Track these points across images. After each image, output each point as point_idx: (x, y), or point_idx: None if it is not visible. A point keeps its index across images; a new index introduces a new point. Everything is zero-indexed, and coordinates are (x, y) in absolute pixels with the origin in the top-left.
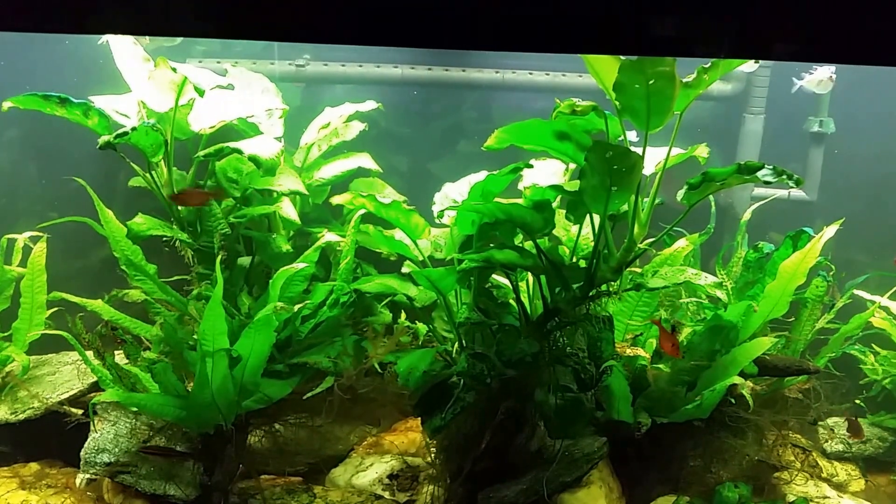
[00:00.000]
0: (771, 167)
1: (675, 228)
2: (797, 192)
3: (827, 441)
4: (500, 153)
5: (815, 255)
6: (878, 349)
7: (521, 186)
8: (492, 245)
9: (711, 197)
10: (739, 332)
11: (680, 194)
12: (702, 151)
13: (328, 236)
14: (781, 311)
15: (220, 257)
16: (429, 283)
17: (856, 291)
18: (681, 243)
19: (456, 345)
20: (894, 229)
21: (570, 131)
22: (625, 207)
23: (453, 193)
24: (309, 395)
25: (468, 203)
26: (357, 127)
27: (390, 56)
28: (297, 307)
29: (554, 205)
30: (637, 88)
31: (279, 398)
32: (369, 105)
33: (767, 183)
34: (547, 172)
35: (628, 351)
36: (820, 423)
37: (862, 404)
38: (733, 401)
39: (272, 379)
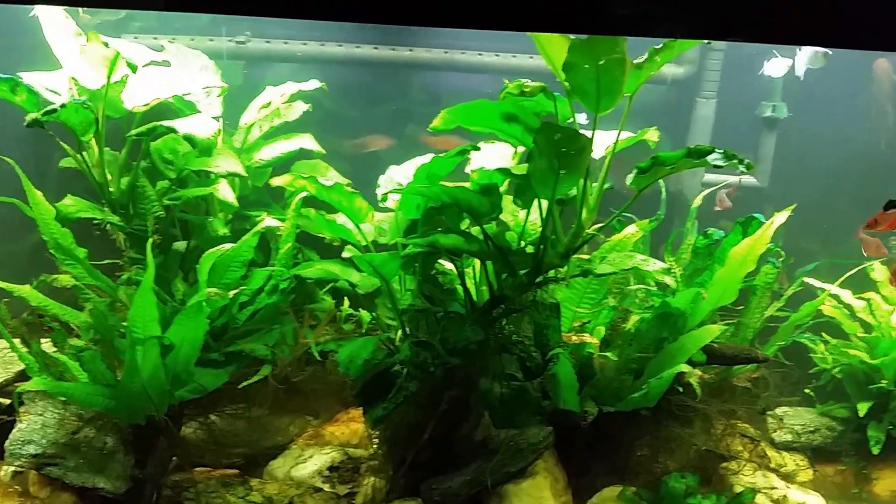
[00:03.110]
0: (721, 151)
1: (625, 214)
2: (748, 179)
3: (776, 431)
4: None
5: (765, 242)
6: (829, 338)
7: (468, 170)
8: (438, 230)
9: (662, 183)
10: (688, 320)
11: (629, 178)
12: (652, 135)
13: (267, 220)
14: (730, 299)
15: (151, 241)
16: (371, 269)
17: (806, 279)
18: (630, 229)
19: (399, 332)
20: (847, 216)
21: (518, 113)
22: (574, 192)
23: (399, 177)
24: (245, 383)
25: (412, 186)
26: (300, 108)
27: (335, 34)
28: (231, 293)
29: (502, 189)
30: (587, 69)
31: (214, 388)
32: (312, 84)
33: (717, 167)
34: (495, 156)
35: (574, 338)
36: (769, 412)
37: (812, 394)
38: (681, 389)
39: (207, 368)
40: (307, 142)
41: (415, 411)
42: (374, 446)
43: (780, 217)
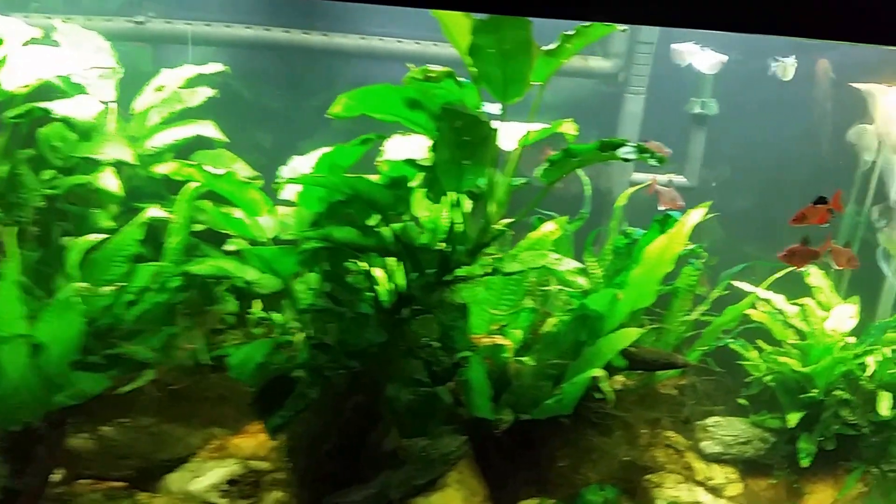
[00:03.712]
0: (633, 145)
1: (543, 212)
2: (678, 178)
3: (706, 441)
4: (369, 125)
5: (682, 241)
6: (764, 345)
7: (378, 161)
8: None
9: (587, 180)
10: (606, 323)
11: (538, 171)
12: (568, 128)
13: (152, 211)
14: (648, 301)
15: (15, 231)
16: (262, 264)
17: (735, 283)
18: (548, 227)
19: (303, 335)
20: (782, 216)
21: (422, 99)
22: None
23: (303, 168)
24: (123, 389)
25: (308, 176)
26: (204, 93)
27: (243, 16)
28: (105, 289)
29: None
30: (492, 53)
31: (95, 393)
32: (213, 68)
33: (626, 160)
34: (411, 146)
35: (485, 340)
36: (700, 422)
37: (746, 402)
38: (604, 396)
39: (87, 371)
40: (205, 128)
41: (318, 420)
42: (278, 458)
43: (695, 215)
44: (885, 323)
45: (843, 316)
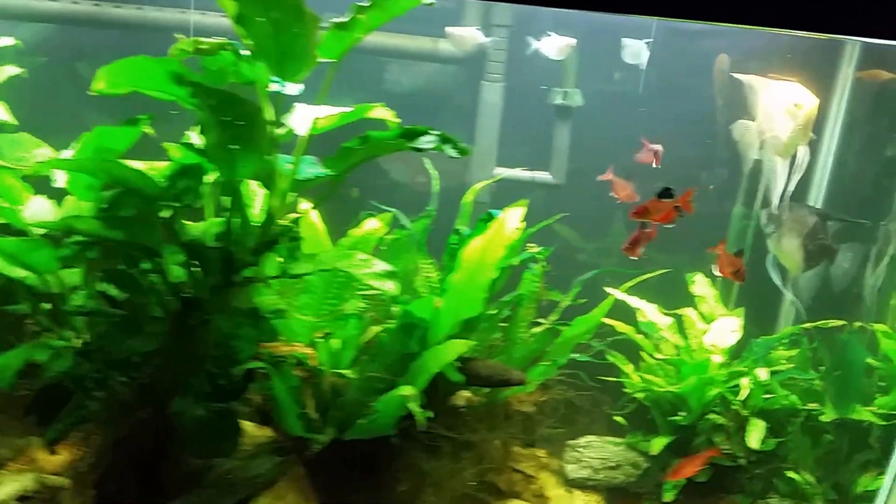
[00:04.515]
0: (437, 133)
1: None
2: (543, 175)
3: (572, 465)
4: None
5: (502, 243)
6: (647, 358)
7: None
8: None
9: (436, 175)
10: (432, 333)
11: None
12: (380, 112)
13: None
14: (475, 310)
15: None
16: (9, 259)
17: (609, 290)
18: (371, 224)
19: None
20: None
21: (186, 74)
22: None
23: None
24: None
25: (61, 161)
26: (8, 71)
27: None
28: None
29: None
30: (261, 23)
31: None
32: (3, 42)
33: (419, 150)
34: None
35: (283, 350)
36: (572, 441)
37: (623, 422)
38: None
39: None
40: None
41: (105, 434)
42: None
43: (514, 214)
44: (769, 340)
45: (724, 330)
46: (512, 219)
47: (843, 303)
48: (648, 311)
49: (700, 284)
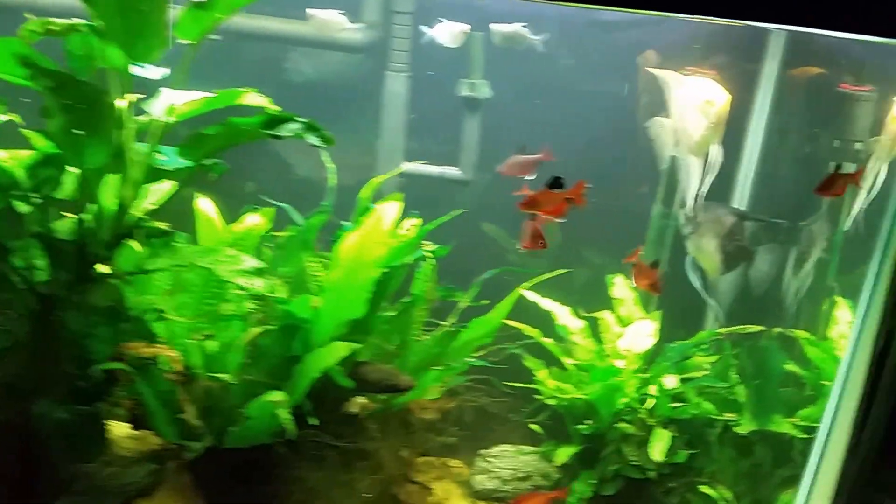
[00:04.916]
0: (302, 121)
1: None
2: (451, 170)
3: (481, 476)
4: None
5: (381, 239)
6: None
7: None
8: None
9: (332, 168)
10: (314, 335)
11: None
12: (254, 98)
13: None
14: (358, 311)
15: None
16: None
17: (525, 292)
18: (252, 220)
19: None
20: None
21: (31, 56)
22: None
23: None
24: None
25: None
26: None
27: None
28: None
29: None
30: (107, 0)
31: None
32: None
33: (279, 137)
34: None
35: (145, 351)
36: (484, 451)
37: (539, 429)
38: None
39: None
40: None
41: None
42: None
43: (390, 208)
44: (684, 345)
45: (639, 334)
46: (388, 213)
47: (767, 307)
48: (561, 314)
49: (620, 287)
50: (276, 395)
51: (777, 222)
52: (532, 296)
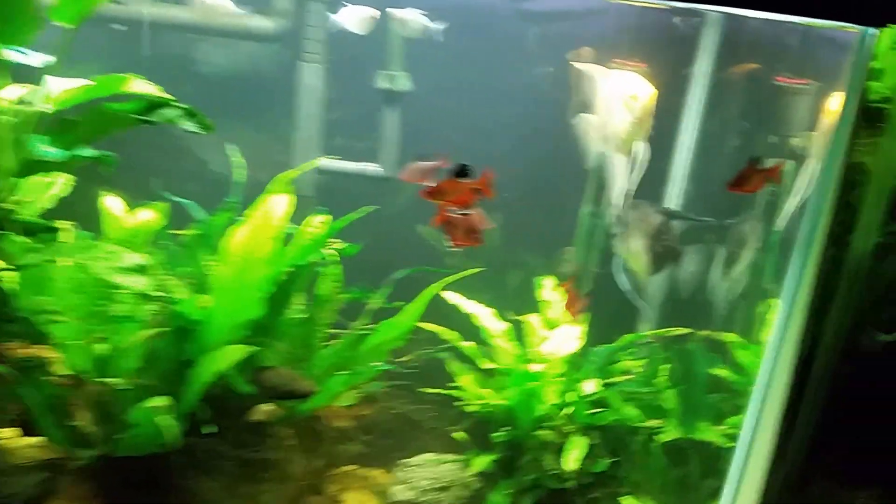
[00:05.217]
0: (182, 107)
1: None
2: (371, 167)
3: (399, 486)
4: None
5: (271, 234)
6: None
7: None
8: None
9: (241, 163)
10: (210, 337)
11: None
12: (138, 85)
13: None
14: (253, 311)
15: None
16: None
17: (445, 293)
18: (144, 215)
19: None
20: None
21: None
22: None
23: None
24: None
25: None
26: None
27: None
28: None
29: None
30: None
31: None
32: None
33: (151, 123)
34: None
35: (21, 352)
36: (405, 460)
37: (465, 437)
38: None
39: None
40: None
41: None
42: None
43: (279, 201)
44: (609, 348)
45: (564, 337)
46: (278, 207)
47: (698, 310)
48: (483, 316)
49: (549, 289)
50: (159, 401)
51: (705, 221)
52: (455, 297)
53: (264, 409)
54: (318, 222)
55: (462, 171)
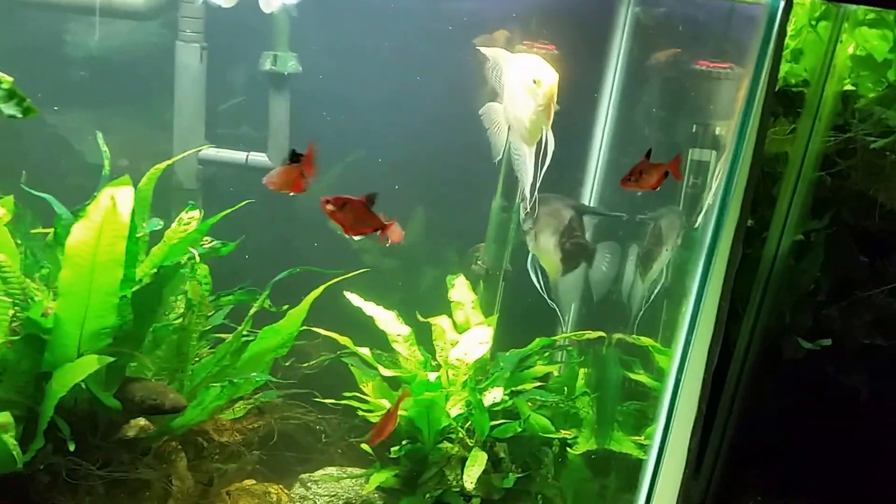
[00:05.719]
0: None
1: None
2: (258, 157)
3: (298, 502)
4: None
5: (120, 232)
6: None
7: None
8: None
9: (107, 154)
10: (63, 346)
11: None
12: None
13: None
14: (108, 318)
15: None
16: None
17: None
18: None
19: None
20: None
21: None
22: None
23: None
24: None
25: None
26: None
27: None
28: None
29: None
30: None
31: None
32: None
33: None
34: None
35: None
36: (307, 475)
37: (369, 449)
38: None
39: None
40: None
41: None
42: None
43: (123, 194)
44: (518, 353)
45: (474, 341)
46: (123, 201)
47: (613, 311)
48: (384, 320)
49: (459, 288)
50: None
51: (617, 216)
52: (356, 300)
53: (139, 425)
54: (188, 218)
55: (294, 158)
